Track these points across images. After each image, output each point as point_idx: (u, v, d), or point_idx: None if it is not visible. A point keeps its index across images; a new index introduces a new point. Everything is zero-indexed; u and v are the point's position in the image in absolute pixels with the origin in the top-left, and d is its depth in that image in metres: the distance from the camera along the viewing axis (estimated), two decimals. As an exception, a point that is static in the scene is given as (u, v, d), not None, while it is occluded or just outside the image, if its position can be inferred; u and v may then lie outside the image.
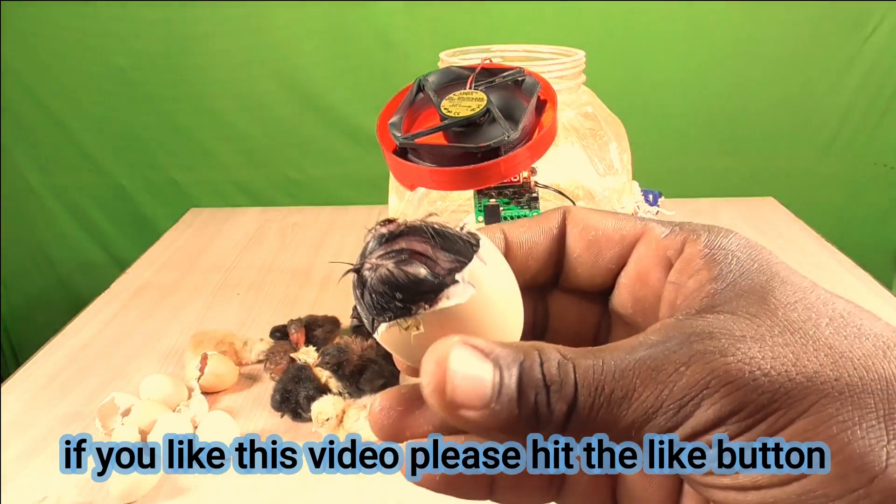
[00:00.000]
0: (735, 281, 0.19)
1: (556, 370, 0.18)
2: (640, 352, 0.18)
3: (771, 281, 0.19)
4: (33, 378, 0.71)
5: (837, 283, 0.85)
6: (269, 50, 1.38)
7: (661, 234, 0.22)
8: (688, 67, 1.38)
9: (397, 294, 0.19)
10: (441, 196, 0.69)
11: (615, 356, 0.18)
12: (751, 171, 1.46)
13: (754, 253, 0.20)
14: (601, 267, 0.23)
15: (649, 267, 0.22)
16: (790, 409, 0.17)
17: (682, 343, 0.18)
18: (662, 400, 0.17)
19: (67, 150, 1.47)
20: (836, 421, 0.16)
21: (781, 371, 0.17)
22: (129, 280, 0.92)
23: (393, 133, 0.53)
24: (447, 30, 1.35)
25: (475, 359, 0.18)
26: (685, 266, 0.21)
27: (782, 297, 0.19)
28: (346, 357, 0.65)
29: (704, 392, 0.17)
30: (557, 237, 0.23)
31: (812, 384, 0.17)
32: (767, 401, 0.17)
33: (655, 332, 0.18)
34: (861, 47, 1.36)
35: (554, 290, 0.24)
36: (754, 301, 0.18)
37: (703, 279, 0.20)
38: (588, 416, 0.18)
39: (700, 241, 0.21)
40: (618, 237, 0.23)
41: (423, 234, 0.20)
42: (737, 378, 0.17)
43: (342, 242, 1.03)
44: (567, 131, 0.63)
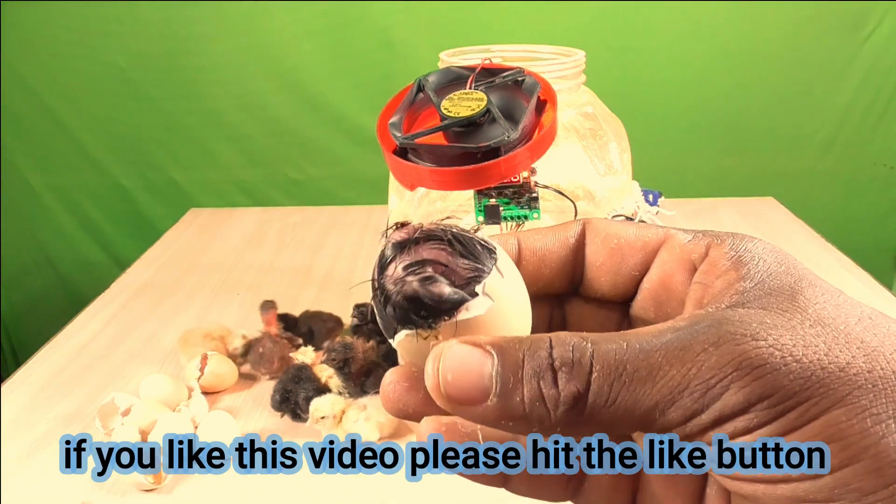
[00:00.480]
0: (763, 280, 0.19)
1: (570, 352, 0.17)
2: (667, 335, 0.18)
3: (799, 282, 0.19)
4: (33, 378, 0.71)
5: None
6: (269, 50, 1.38)
7: (685, 240, 0.22)
8: (688, 67, 1.38)
9: (422, 312, 0.19)
10: (441, 196, 0.69)
11: (641, 339, 0.18)
12: (751, 171, 1.46)
13: (780, 257, 0.20)
14: (624, 274, 0.23)
15: (673, 271, 0.22)
16: (823, 398, 0.16)
17: (711, 325, 0.17)
18: (689, 379, 0.17)
19: (67, 150, 1.47)
20: (869, 413, 0.16)
21: (814, 359, 0.17)
22: (129, 280, 0.92)
23: (393, 133, 0.53)
24: (447, 30, 1.35)
25: (473, 353, 0.18)
26: (711, 268, 0.20)
27: (811, 296, 0.18)
28: (352, 355, 0.65)
29: (734, 374, 0.17)
30: (575, 247, 0.23)
31: (845, 374, 0.16)
32: (799, 387, 0.16)
33: (684, 320, 0.18)
34: (861, 47, 1.36)
35: (572, 298, 0.25)
36: (784, 299, 0.18)
37: (731, 279, 0.20)
38: (605, 399, 0.17)
39: (725, 244, 0.21)
40: (640, 244, 0.23)
41: (442, 241, 0.20)
42: (768, 362, 0.17)
43: (342, 242, 1.03)
44: (567, 131, 0.63)
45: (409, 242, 0.20)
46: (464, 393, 0.18)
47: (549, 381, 0.17)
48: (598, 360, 0.17)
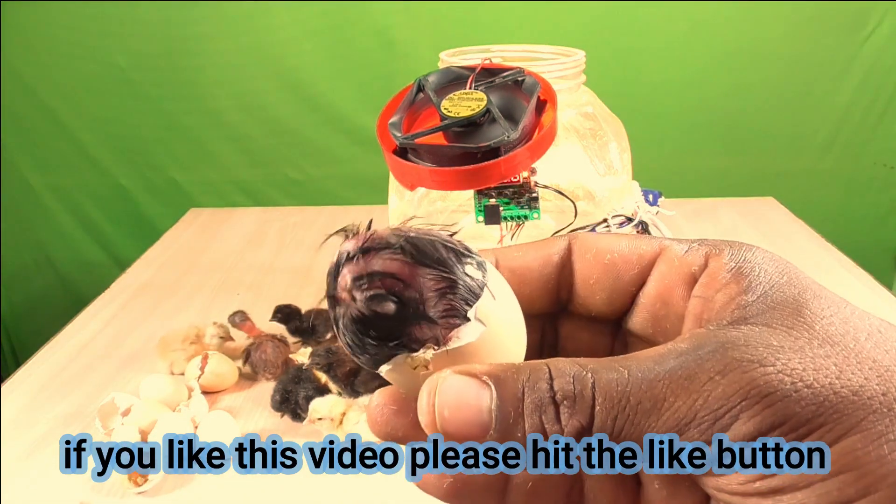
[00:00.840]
0: (766, 293, 0.18)
1: (571, 384, 0.17)
2: (669, 361, 0.17)
3: (803, 294, 0.18)
4: (33, 378, 0.71)
5: (837, 283, 0.85)
6: (269, 50, 1.38)
7: (682, 251, 0.21)
8: (688, 67, 1.38)
9: (371, 333, 0.18)
10: (441, 196, 0.69)
11: (642, 366, 0.17)
12: (751, 171, 1.46)
13: (782, 266, 0.19)
14: (620, 290, 0.22)
15: (671, 284, 0.21)
16: (837, 424, 0.16)
17: (715, 351, 0.17)
18: (696, 410, 0.16)
19: (67, 150, 1.47)
20: (886, 439, 0.15)
21: (825, 383, 0.16)
22: (129, 280, 0.92)
23: (393, 133, 0.53)
24: (447, 30, 1.35)
25: (469, 386, 0.17)
26: (711, 280, 0.20)
27: (817, 310, 0.18)
28: (337, 358, 0.65)
29: (743, 403, 0.16)
30: (559, 264, 0.23)
31: (859, 399, 0.16)
32: (811, 414, 0.16)
33: (685, 342, 0.17)
34: (861, 47, 1.36)
35: (563, 315, 0.24)
36: (789, 313, 0.18)
37: (732, 292, 0.19)
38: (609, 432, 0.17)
39: (724, 255, 0.20)
40: (635, 258, 0.22)
41: (395, 248, 0.18)
42: (778, 389, 0.16)
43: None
44: (567, 131, 0.63)
45: (357, 253, 0.19)
46: (462, 429, 0.17)
47: (551, 417, 0.17)
48: (601, 391, 0.17)
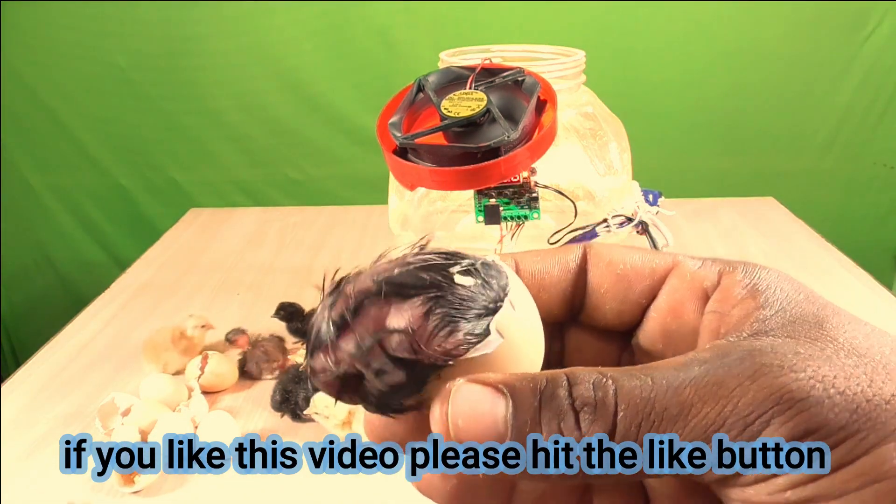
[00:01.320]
0: (784, 308, 0.18)
1: (591, 391, 0.16)
2: (693, 368, 0.16)
3: (823, 310, 0.18)
4: (33, 378, 0.71)
5: (837, 283, 0.85)
6: (269, 50, 1.38)
7: (695, 267, 0.21)
8: (688, 67, 1.38)
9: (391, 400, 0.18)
10: (441, 196, 0.69)
11: (665, 374, 0.16)
12: (751, 171, 1.47)
13: (797, 285, 0.19)
14: (631, 301, 0.22)
15: (683, 299, 0.21)
16: (871, 432, 0.15)
17: (743, 358, 0.16)
18: (725, 417, 0.16)
19: (67, 150, 1.47)
20: None
21: (857, 391, 0.16)
22: (129, 280, 0.92)
23: (393, 133, 0.53)
24: (447, 30, 1.35)
25: (484, 395, 0.17)
26: (726, 296, 0.19)
27: (838, 324, 0.17)
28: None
29: (774, 409, 0.16)
30: (576, 272, 0.22)
31: (892, 407, 0.16)
32: (845, 421, 0.15)
33: (706, 352, 0.17)
34: (861, 47, 1.36)
35: (571, 326, 0.23)
36: (810, 327, 0.17)
37: (749, 307, 0.19)
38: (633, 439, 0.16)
39: (737, 272, 0.20)
40: (648, 271, 0.22)
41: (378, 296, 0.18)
42: (810, 395, 0.16)
43: (342, 242, 1.03)
44: (567, 131, 0.63)
45: (345, 317, 0.18)
46: (477, 439, 0.17)
47: (570, 424, 0.16)
48: (623, 398, 0.16)
